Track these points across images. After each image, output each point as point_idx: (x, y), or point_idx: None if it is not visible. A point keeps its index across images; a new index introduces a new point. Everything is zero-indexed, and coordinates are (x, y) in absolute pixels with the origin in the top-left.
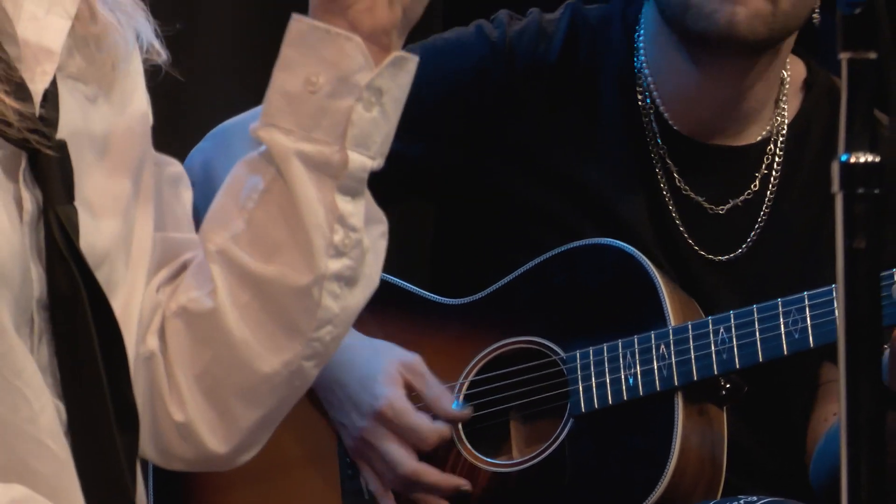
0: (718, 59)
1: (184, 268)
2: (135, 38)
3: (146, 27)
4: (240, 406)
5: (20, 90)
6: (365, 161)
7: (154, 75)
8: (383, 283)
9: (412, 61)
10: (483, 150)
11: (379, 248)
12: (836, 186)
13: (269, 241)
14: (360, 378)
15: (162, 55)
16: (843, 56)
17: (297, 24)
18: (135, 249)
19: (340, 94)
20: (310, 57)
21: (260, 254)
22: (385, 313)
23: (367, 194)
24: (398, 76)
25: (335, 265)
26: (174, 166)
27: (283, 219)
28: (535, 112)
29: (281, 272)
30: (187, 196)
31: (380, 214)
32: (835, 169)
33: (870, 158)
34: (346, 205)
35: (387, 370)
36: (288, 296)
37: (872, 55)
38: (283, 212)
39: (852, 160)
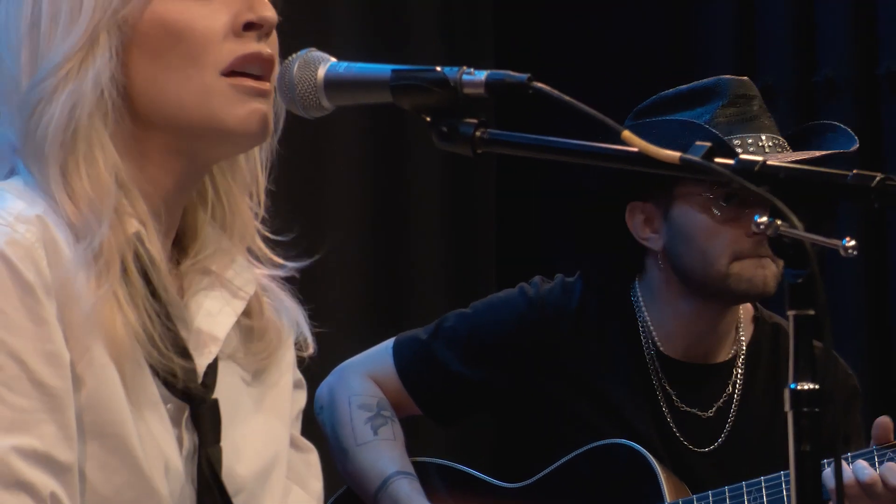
0: (717, 306)
1: None
2: (290, 330)
3: (302, 321)
4: None
5: (185, 354)
6: None
7: (299, 362)
8: (455, 470)
9: None
10: (527, 374)
11: None
12: (787, 406)
13: None
14: None
15: (310, 349)
16: (790, 313)
17: None
18: (271, 483)
19: None
20: None
21: None
22: (458, 493)
23: None
24: None
25: None
26: (314, 455)
27: None
28: (563, 345)
29: None
30: (315, 483)
31: None
32: (786, 394)
33: (811, 386)
34: None
35: None
36: None
37: (811, 312)
38: None
39: (799, 388)
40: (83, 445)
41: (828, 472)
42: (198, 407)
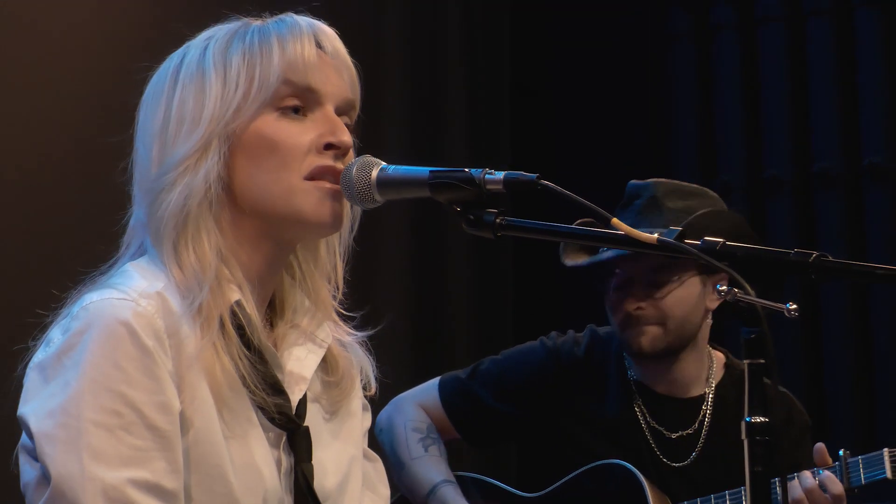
0: (648, 362)
1: None
2: (359, 372)
3: (368, 366)
4: None
5: (280, 392)
6: None
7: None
8: (486, 482)
9: None
10: (544, 407)
11: None
12: (743, 435)
13: None
14: None
15: (372, 389)
16: (745, 361)
17: None
18: (349, 492)
19: None
20: None
21: None
22: (489, 500)
23: None
24: None
25: None
26: (379, 463)
27: None
28: (573, 385)
29: None
30: (383, 489)
31: None
32: (743, 426)
33: (762, 419)
34: None
35: None
36: None
37: (762, 361)
38: None
39: (753, 420)
40: (190, 474)
41: (794, 484)
42: (293, 433)
